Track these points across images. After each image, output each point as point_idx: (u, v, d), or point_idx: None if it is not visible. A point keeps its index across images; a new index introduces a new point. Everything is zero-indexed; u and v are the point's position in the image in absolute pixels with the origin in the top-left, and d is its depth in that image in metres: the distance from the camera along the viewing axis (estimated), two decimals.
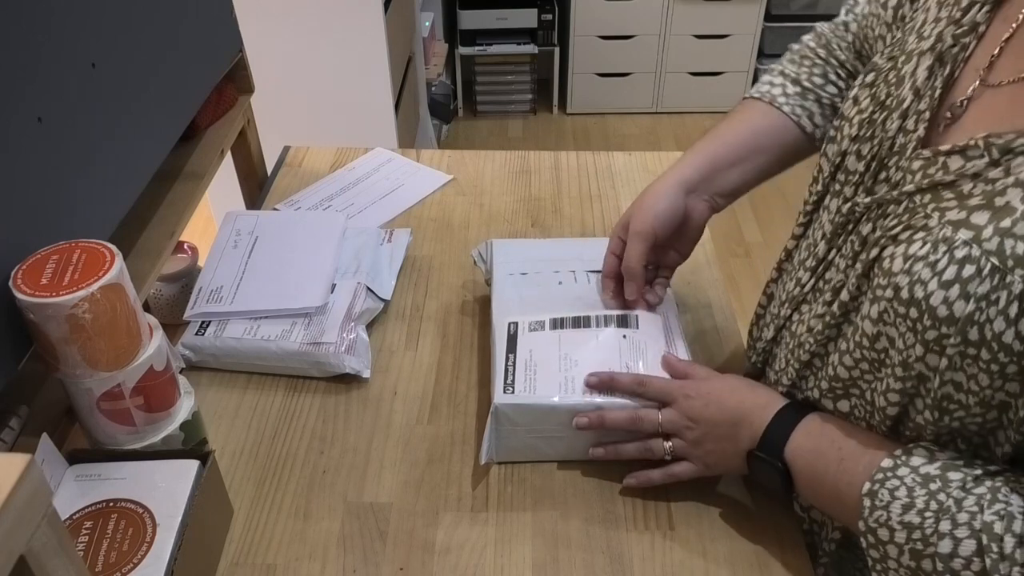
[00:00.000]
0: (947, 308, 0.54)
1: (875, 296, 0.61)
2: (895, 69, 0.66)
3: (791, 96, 0.84)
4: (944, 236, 0.56)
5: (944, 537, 0.57)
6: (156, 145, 0.91)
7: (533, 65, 3.38)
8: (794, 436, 0.69)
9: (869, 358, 0.64)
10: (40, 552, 0.41)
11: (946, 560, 0.56)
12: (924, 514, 0.58)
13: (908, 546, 0.59)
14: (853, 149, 0.68)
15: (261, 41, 1.68)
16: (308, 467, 0.82)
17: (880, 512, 0.60)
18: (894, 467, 0.61)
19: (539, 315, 0.86)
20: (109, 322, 0.65)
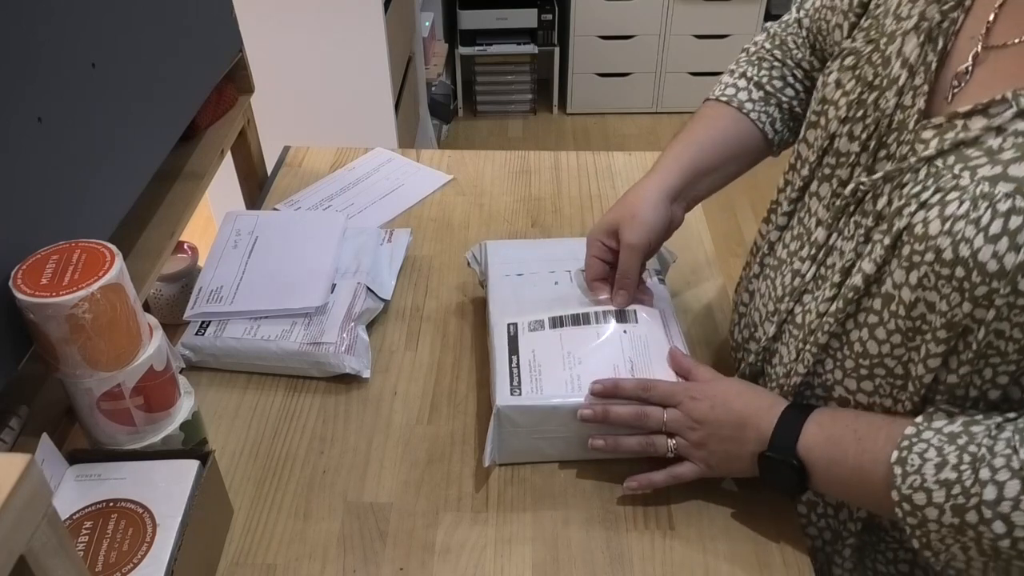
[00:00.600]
0: (997, 262, 0.55)
1: (911, 263, 0.61)
2: (878, 51, 0.67)
3: (756, 102, 0.86)
4: (983, 192, 0.56)
5: (987, 484, 0.57)
6: (156, 145, 0.91)
7: (533, 65, 3.38)
8: (805, 429, 0.69)
9: (904, 328, 0.64)
10: (40, 552, 0.41)
11: (993, 506, 0.57)
12: (960, 468, 0.58)
13: (949, 503, 0.59)
14: (844, 131, 0.68)
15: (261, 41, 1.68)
16: (308, 467, 0.82)
17: (914, 477, 0.60)
18: (917, 432, 0.62)
19: (538, 315, 0.86)
20: (109, 322, 0.65)
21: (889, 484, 0.62)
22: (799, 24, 0.86)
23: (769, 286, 0.79)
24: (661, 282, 0.92)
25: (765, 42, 0.89)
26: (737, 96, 0.86)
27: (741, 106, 0.86)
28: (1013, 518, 0.56)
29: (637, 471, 0.81)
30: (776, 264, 0.78)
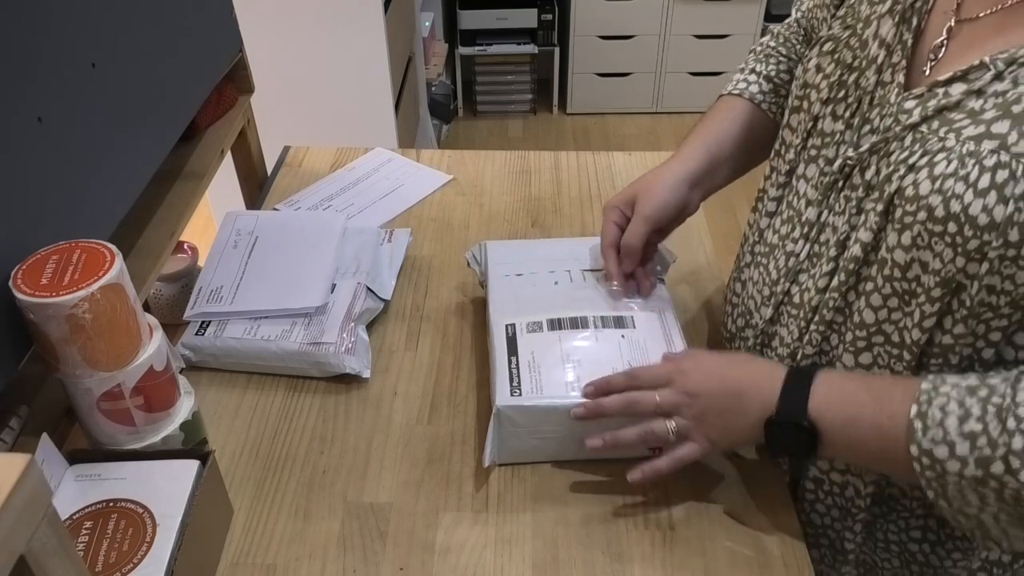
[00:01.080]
0: (987, 215, 0.57)
1: (903, 225, 0.62)
2: (855, 35, 0.70)
3: (767, 93, 0.89)
4: (969, 151, 0.58)
5: (1015, 434, 0.57)
6: (156, 145, 0.91)
7: (533, 65, 3.38)
8: (814, 391, 0.67)
9: (900, 291, 0.65)
10: (40, 552, 0.41)
11: (1021, 455, 0.57)
12: (984, 420, 0.59)
13: (974, 455, 0.59)
14: (827, 111, 0.71)
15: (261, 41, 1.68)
16: (308, 467, 0.82)
17: (936, 430, 0.60)
18: (934, 387, 0.62)
19: (536, 316, 0.86)
20: (109, 322, 0.65)
21: (908, 439, 0.62)
22: (798, 24, 0.91)
23: (762, 272, 0.79)
24: (661, 282, 0.92)
25: (770, 41, 0.93)
26: (748, 89, 0.89)
27: (752, 97, 0.89)
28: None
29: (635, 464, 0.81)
30: (767, 251, 0.79)
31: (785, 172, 0.77)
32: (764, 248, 0.80)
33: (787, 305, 0.76)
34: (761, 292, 0.79)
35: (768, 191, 0.80)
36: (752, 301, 0.81)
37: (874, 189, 0.66)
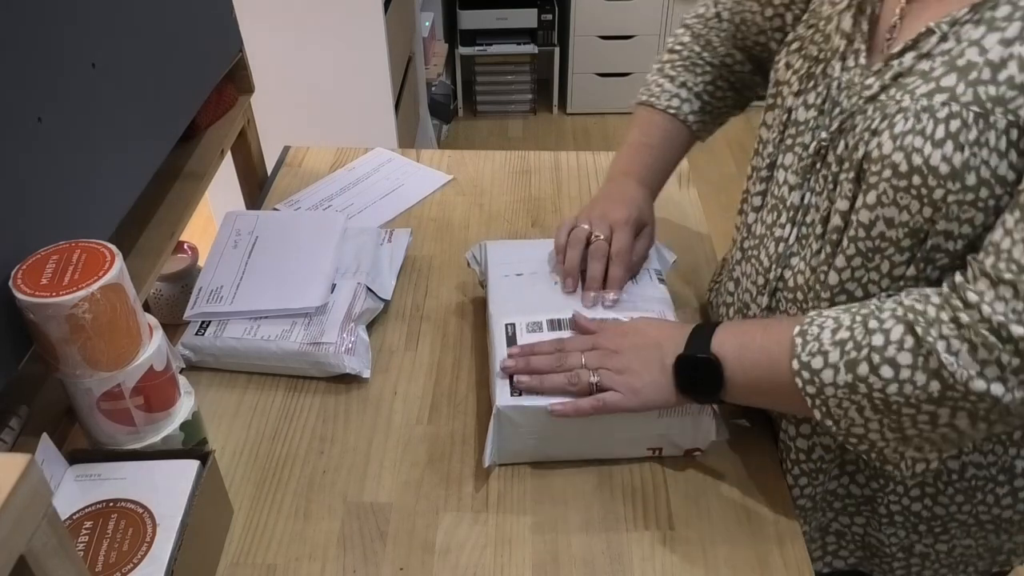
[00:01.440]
0: (947, 164, 0.61)
1: (869, 185, 0.66)
2: (819, 31, 0.74)
3: (697, 113, 0.96)
4: (923, 106, 0.62)
5: (874, 332, 0.64)
6: (156, 145, 0.91)
7: (533, 65, 3.38)
8: (717, 331, 0.75)
9: (863, 250, 0.68)
10: (40, 552, 0.41)
11: (881, 351, 0.63)
12: (853, 328, 0.65)
13: (843, 360, 0.65)
14: (799, 103, 0.75)
15: (261, 41, 1.69)
16: (308, 467, 0.82)
17: (812, 343, 0.67)
18: (819, 313, 0.69)
19: (536, 316, 0.86)
20: (109, 322, 0.65)
21: (790, 356, 0.68)
22: (719, 19, 0.93)
23: (754, 264, 0.81)
24: (661, 282, 0.92)
25: (693, 44, 0.95)
26: (681, 109, 0.95)
27: (685, 119, 0.95)
28: (898, 359, 0.62)
29: (638, 472, 0.81)
30: (757, 243, 0.81)
31: (766, 167, 0.80)
32: (753, 241, 0.81)
33: (783, 291, 0.78)
34: (756, 283, 0.81)
35: (751, 189, 0.83)
36: (747, 294, 0.82)
37: (845, 161, 0.69)
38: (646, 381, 0.75)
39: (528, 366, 0.79)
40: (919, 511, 0.78)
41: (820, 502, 0.82)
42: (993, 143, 0.59)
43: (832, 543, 0.86)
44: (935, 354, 0.61)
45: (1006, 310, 0.58)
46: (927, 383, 0.62)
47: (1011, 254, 0.59)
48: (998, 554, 0.81)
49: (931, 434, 0.65)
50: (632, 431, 0.80)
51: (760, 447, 0.84)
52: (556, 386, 0.77)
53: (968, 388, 0.60)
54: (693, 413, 0.78)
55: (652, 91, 0.95)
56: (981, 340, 0.59)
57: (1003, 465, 0.74)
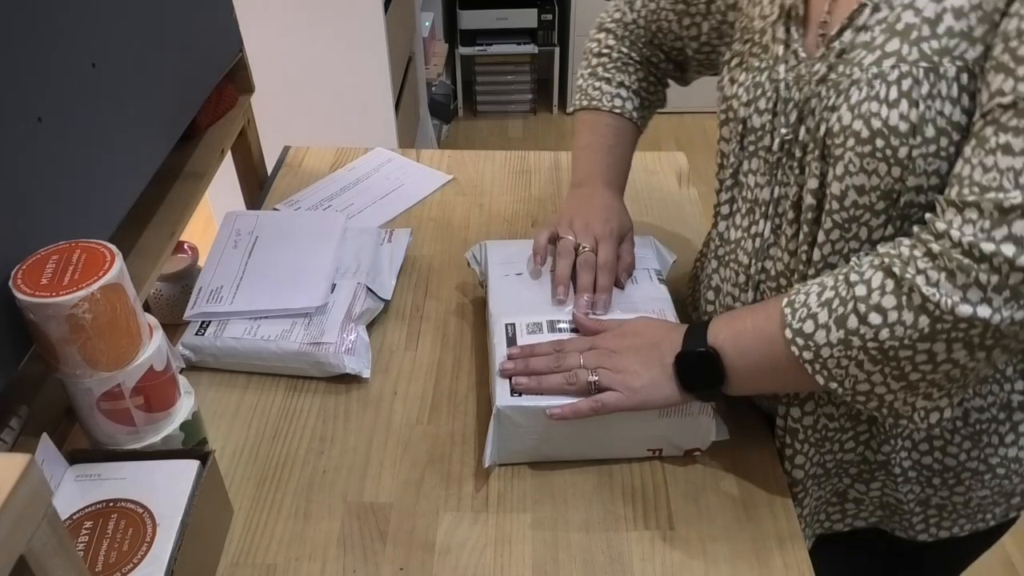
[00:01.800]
0: (905, 121, 0.63)
1: (835, 158, 0.68)
2: (756, 44, 0.77)
3: (639, 109, 0.99)
4: (874, 74, 0.65)
5: (856, 284, 0.66)
6: (156, 145, 0.91)
7: (533, 65, 3.38)
8: (712, 324, 0.76)
9: (839, 221, 0.70)
10: (40, 552, 0.41)
11: (865, 299, 0.65)
12: (836, 287, 0.67)
13: (832, 318, 0.66)
14: (751, 111, 0.77)
15: (261, 41, 1.69)
16: (308, 467, 0.82)
17: (801, 310, 0.69)
18: (801, 284, 0.71)
19: (536, 316, 0.86)
20: (109, 322, 0.65)
21: (782, 328, 0.69)
22: (636, 25, 0.97)
23: (733, 268, 0.82)
24: (661, 282, 0.92)
25: (619, 46, 0.98)
26: (625, 107, 0.98)
27: (631, 116, 0.98)
28: (883, 303, 0.64)
29: (638, 472, 0.81)
30: (732, 247, 0.82)
31: (730, 176, 0.82)
32: (729, 247, 0.83)
33: (765, 282, 0.79)
34: (737, 284, 0.82)
35: (720, 199, 0.85)
36: (729, 297, 0.83)
37: (809, 143, 0.71)
38: (645, 380, 0.75)
39: (527, 367, 0.79)
40: (931, 464, 0.79)
41: (834, 470, 0.83)
42: (945, 92, 0.62)
43: (851, 508, 0.87)
44: (916, 289, 0.62)
45: (975, 230, 0.59)
46: (915, 320, 0.62)
47: (972, 178, 0.60)
48: (1012, 497, 0.82)
49: (933, 374, 0.65)
50: (632, 432, 0.80)
51: (760, 447, 0.84)
52: (554, 386, 0.77)
53: (956, 315, 0.60)
54: (693, 413, 0.78)
55: (592, 95, 0.98)
56: (956, 264, 0.60)
57: (1002, 403, 0.75)
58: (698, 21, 0.90)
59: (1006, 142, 0.58)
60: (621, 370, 0.76)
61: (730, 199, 0.83)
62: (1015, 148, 0.58)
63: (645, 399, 0.75)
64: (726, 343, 0.74)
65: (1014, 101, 0.58)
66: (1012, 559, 1.79)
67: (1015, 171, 0.58)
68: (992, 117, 0.59)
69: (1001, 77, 0.59)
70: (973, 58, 0.61)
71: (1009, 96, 0.58)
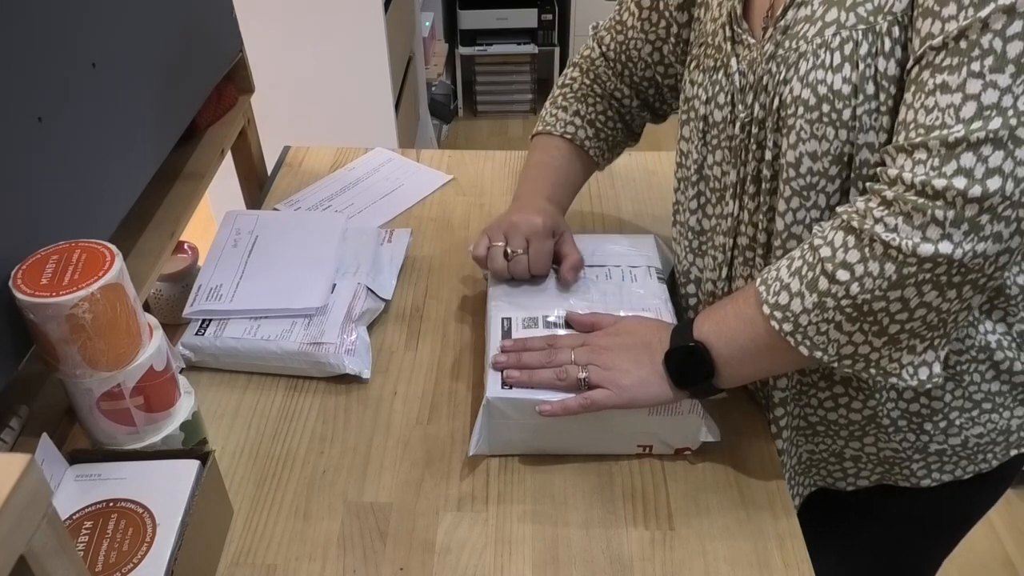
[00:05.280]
0: (848, 84, 0.66)
1: (788, 127, 0.70)
2: (709, 45, 0.80)
3: (591, 139, 1.00)
4: (818, 44, 0.68)
5: (820, 247, 0.67)
6: (156, 145, 0.91)
7: (533, 65, 3.38)
8: (697, 319, 0.77)
9: (797, 188, 0.72)
10: (40, 552, 0.41)
11: (830, 259, 0.66)
12: (804, 255, 0.69)
13: (804, 285, 0.67)
14: (712, 107, 0.79)
15: (261, 41, 1.68)
16: (308, 467, 0.82)
17: (774, 284, 0.70)
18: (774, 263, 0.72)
19: (533, 312, 0.86)
20: (109, 322, 0.65)
21: (759, 305, 0.70)
22: (605, 58, 0.99)
23: (711, 254, 0.85)
24: (661, 281, 0.92)
25: (583, 78, 1.01)
26: (577, 135, 0.99)
27: (582, 144, 0.99)
28: (847, 259, 0.65)
29: (638, 472, 0.81)
30: (708, 236, 0.85)
31: (694, 172, 0.84)
32: (704, 236, 0.86)
33: (738, 257, 0.81)
34: (715, 263, 0.84)
35: (682, 199, 0.87)
36: (709, 283, 0.85)
37: (765, 119, 0.73)
38: (634, 379, 0.76)
39: (519, 362, 0.80)
40: (918, 410, 0.80)
41: (822, 428, 0.84)
42: (880, 48, 0.65)
43: (851, 467, 0.87)
44: (877, 238, 0.63)
45: (925, 169, 0.61)
46: (882, 269, 0.63)
47: (916, 120, 0.62)
48: (1009, 434, 0.82)
49: (911, 323, 0.65)
50: (622, 427, 0.80)
51: (760, 447, 0.84)
52: (544, 381, 0.78)
53: (918, 255, 0.61)
54: (682, 412, 0.78)
55: (547, 121, 1.00)
56: (911, 206, 0.61)
57: (980, 345, 0.76)
58: (659, 46, 0.93)
59: (942, 81, 0.60)
60: (611, 367, 0.77)
61: (696, 194, 0.85)
62: (952, 85, 0.60)
63: (634, 397, 0.76)
64: (711, 334, 0.74)
65: (944, 42, 0.60)
66: (1012, 559, 1.79)
67: (954, 107, 0.59)
68: (927, 61, 0.61)
69: (929, 22, 0.61)
70: (901, 9, 0.64)
71: (939, 38, 0.60)
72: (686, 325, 0.77)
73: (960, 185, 0.59)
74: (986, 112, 0.58)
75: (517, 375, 0.79)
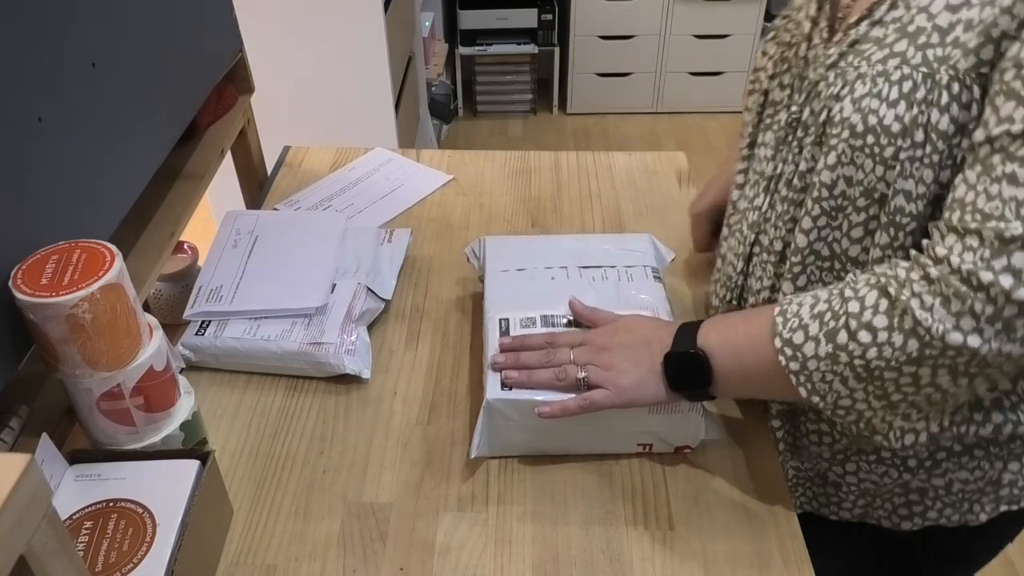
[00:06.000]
0: (899, 122, 0.64)
1: (830, 147, 0.69)
2: (792, 20, 0.79)
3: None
4: (879, 71, 0.66)
5: (850, 300, 0.66)
6: (156, 145, 0.91)
7: (533, 65, 3.38)
8: (703, 326, 0.76)
9: (828, 208, 0.71)
10: (40, 552, 0.41)
11: (857, 316, 0.65)
12: (830, 300, 0.67)
13: (823, 331, 0.67)
14: (774, 84, 0.79)
15: (261, 41, 1.69)
16: (308, 467, 0.82)
17: (792, 320, 0.69)
18: (795, 295, 0.72)
19: (530, 311, 0.86)
20: (109, 322, 0.65)
21: (772, 335, 0.69)
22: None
23: (737, 237, 0.84)
24: (658, 280, 0.92)
25: None
26: None
27: None
28: (875, 322, 0.64)
29: (638, 472, 0.81)
30: (739, 217, 0.84)
31: (747, 146, 0.83)
32: (737, 216, 0.85)
33: (758, 255, 0.80)
34: (736, 252, 0.84)
35: (736, 169, 0.86)
36: (730, 266, 0.85)
37: (811, 127, 0.72)
38: (633, 379, 0.76)
39: (517, 362, 0.80)
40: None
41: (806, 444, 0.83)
42: (936, 99, 0.63)
43: (833, 494, 0.86)
44: (909, 312, 0.62)
45: (975, 258, 0.59)
46: (905, 343, 0.62)
47: (975, 204, 0.60)
48: (1000, 488, 0.80)
49: (915, 396, 0.65)
50: (622, 426, 0.80)
51: (760, 447, 0.84)
52: (543, 381, 0.78)
53: (945, 342, 0.60)
54: (683, 411, 0.78)
55: None
56: (953, 291, 0.60)
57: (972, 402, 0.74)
58: None
59: (1012, 171, 0.58)
60: (610, 367, 0.77)
61: (745, 169, 0.84)
62: (1020, 178, 0.57)
63: (633, 397, 0.76)
64: (715, 346, 0.74)
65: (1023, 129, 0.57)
66: (1012, 559, 1.79)
67: (1017, 201, 0.57)
68: (1000, 144, 0.59)
69: (1012, 104, 0.58)
70: (964, 69, 0.61)
71: (1019, 125, 0.58)
72: (692, 328, 0.76)
73: (1006, 284, 0.57)
74: None
75: (516, 376, 0.79)
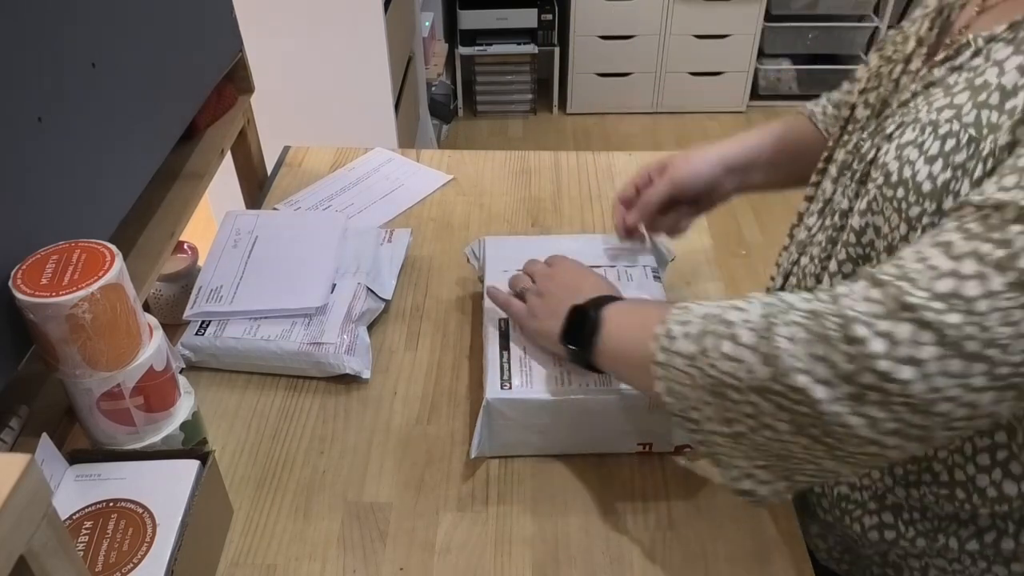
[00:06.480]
0: (931, 182, 0.59)
1: (866, 190, 0.66)
2: (902, 32, 0.74)
3: (828, 115, 0.92)
4: (930, 120, 0.61)
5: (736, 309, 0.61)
6: (156, 145, 0.91)
7: (533, 65, 3.38)
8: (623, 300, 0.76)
9: (854, 256, 0.69)
10: (40, 552, 0.41)
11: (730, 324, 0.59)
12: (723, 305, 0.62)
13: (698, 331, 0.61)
14: (861, 100, 0.75)
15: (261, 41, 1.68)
16: (308, 467, 0.82)
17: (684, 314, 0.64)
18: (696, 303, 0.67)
19: None
20: (109, 322, 0.65)
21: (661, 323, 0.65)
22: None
23: (790, 250, 0.82)
24: (657, 279, 0.92)
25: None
26: (812, 109, 0.94)
27: (812, 115, 0.93)
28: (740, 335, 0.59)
29: (638, 472, 0.81)
30: (795, 229, 0.83)
31: (824, 159, 0.80)
32: (800, 230, 0.82)
33: (795, 275, 0.79)
34: (781, 266, 0.83)
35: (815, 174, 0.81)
36: (772, 280, 0.85)
37: (863, 162, 0.69)
38: (547, 312, 0.80)
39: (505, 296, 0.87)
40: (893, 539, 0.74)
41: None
42: (971, 169, 0.57)
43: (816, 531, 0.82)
44: (773, 338, 0.56)
45: (862, 310, 0.53)
46: (755, 366, 0.57)
47: (901, 258, 0.55)
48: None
49: (754, 435, 0.59)
50: (622, 424, 0.80)
51: None
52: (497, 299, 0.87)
53: (788, 383, 0.55)
54: None
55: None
56: (823, 333, 0.54)
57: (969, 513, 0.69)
58: None
59: (950, 241, 0.53)
60: (543, 294, 0.82)
61: (816, 183, 0.80)
62: (955, 251, 0.52)
63: (536, 329, 0.81)
64: (613, 317, 0.73)
65: (982, 203, 0.53)
66: None
67: (938, 272, 0.52)
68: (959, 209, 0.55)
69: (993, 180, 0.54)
70: (1001, 145, 0.56)
71: (982, 197, 0.53)
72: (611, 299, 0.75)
73: (876, 348, 0.52)
74: (954, 301, 0.51)
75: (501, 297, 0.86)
